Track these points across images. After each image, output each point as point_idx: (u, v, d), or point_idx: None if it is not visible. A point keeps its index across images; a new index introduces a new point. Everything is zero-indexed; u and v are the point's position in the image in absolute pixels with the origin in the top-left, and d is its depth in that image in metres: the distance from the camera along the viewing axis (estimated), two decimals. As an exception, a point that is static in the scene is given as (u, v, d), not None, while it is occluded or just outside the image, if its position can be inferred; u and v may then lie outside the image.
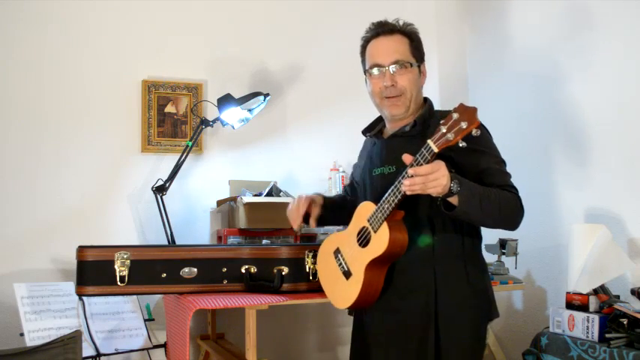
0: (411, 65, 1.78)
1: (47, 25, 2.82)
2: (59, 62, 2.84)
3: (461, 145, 1.47)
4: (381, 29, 1.80)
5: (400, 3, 3.38)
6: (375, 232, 1.68)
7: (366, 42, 1.85)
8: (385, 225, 1.64)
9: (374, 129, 1.94)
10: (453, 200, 1.55)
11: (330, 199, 2.07)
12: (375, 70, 1.79)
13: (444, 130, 1.47)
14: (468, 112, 1.45)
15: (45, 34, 2.82)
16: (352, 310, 1.96)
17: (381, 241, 1.65)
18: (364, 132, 1.97)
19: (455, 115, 1.46)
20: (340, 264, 1.81)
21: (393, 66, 1.76)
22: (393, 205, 1.61)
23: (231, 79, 3.12)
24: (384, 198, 1.64)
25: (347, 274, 1.77)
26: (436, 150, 1.48)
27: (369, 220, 1.70)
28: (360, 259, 1.72)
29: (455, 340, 1.70)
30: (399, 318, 1.75)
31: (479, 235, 1.84)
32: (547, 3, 2.89)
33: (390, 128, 1.88)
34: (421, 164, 1.50)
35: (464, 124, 1.44)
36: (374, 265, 1.69)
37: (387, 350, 1.78)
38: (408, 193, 1.54)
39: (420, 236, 1.74)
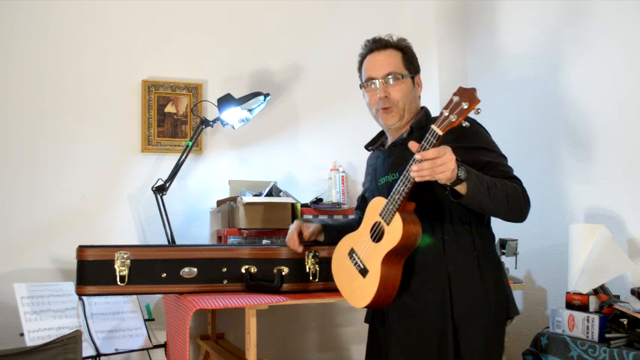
0: (403, 77, 1.84)
1: (47, 25, 2.82)
2: (59, 62, 2.84)
3: (464, 124, 1.49)
4: (375, 45, 1.89)
5: (400, 3, 3.37)
6: (387, 224, 1.66)
7: (362, 58, 1.93)
8: (398, 216, 1.63)
9: (376, 143, 2.02)
10: (461, 188, 1.55)
11: (339, 223, 2.14)
12: (369, 83, 1.87)
13: (447, 114, 1.48)
14: (467, 93, 1.47)
15: (45, 34, 2.82)
16: (369, 312, 1.96)
17: (394, 232, 1.64)
18: (367, 146, 2.04)
19: (455, 98, 1.48)
20: (356, 263, 1.78)
21: (386, 78, 1.83)
22: (403, 194, 1.60)
23: (231, 79, 3.12)
24: (394, 189, 1.63)
25: (363, 272, 1.74)
26: (440, 133, 1.49)
27: (381, 214, 1.69)
28: (375, 254, 1.70)
29: (473, 340, 1.70)
30: (416, 320, 1.75)
31: (490, 234, 1.85)
32: (545, 2, 2.89)
33: (390, 139, 1.93)
34: (427, 149, 1.51)
35: (465, 105, 1.46)
36: (390, 259, 1.67)
37: (407, 353, 1.77)
38: (417, 179, 1.53)
39: (431, 237, 1.74)
